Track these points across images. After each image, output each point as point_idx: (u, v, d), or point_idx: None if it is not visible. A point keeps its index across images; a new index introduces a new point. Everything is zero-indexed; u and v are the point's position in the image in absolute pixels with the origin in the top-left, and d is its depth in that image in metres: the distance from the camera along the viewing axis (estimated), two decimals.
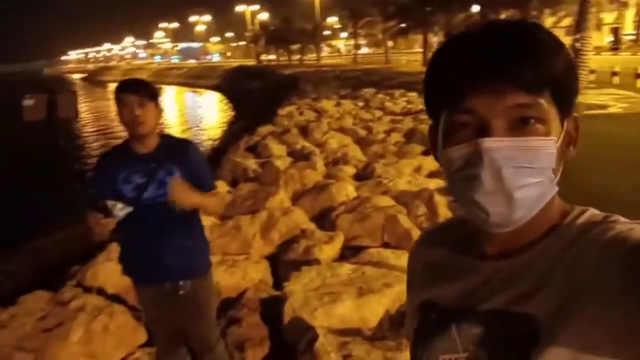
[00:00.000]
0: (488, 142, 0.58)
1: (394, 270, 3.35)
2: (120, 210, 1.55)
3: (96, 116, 27.96)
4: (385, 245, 4.17)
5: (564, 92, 0.61)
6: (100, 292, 3.77)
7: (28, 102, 1.24)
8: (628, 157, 7.04)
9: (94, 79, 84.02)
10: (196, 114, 29.05)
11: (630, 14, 41.20)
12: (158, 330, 2.31)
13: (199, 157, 2.18)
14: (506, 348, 0.61)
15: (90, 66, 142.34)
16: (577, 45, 15.31)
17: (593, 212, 0.66)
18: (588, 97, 14.66)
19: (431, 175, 6.22)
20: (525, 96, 0.58)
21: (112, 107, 37.23)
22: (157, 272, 2.11)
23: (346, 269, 3.37)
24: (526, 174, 0.58)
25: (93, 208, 1.48)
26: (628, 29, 43.89)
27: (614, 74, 16.28)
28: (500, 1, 22.00)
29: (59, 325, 3.08)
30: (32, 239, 7.47)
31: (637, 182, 5.71)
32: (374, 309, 2.97)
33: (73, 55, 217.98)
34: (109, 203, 1.53)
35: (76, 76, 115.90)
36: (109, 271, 3.99)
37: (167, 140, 2.12)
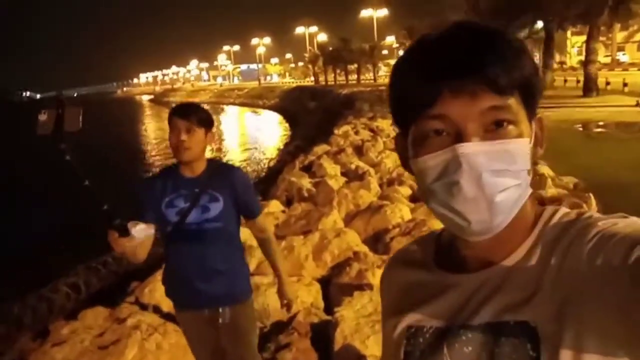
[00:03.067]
0: (466, 148, 0.56)
1: None
2: (140, 231, 1.50)
3: (161, 138, 29.42)
4: None
5: (532, 93, 0.61)
6: (156, 309, 3.86)
7: (42, 117, 1.28)
8: None
9: (161, 100, 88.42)
10: (255, 134, 29.79)
11: None
12: (199, 355, 2.30)
13: (244, 183, 2.16)
14: None
15: (157, 88, 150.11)
16: None
17: (565, 210, 0.65)
18: None
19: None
20: (498, 98, 0.57)
21: None
22: (196, 298, 2.10)
23: None
24: (505, 176, 0.57)
25: (110, 226, 1.45)
26: None
27: None
28: (566, 16, 21.09)
29: (115, 342, 3.16)
30: (96, 256, 7.82)
31: None
32: None
33: (143, 77, 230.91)
34: (130, 223, 1.50)
35: (145, 97, 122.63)
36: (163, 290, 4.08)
37: (214, 165, 2.12)
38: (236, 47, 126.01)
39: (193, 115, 1.98)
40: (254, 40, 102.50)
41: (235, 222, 2.14)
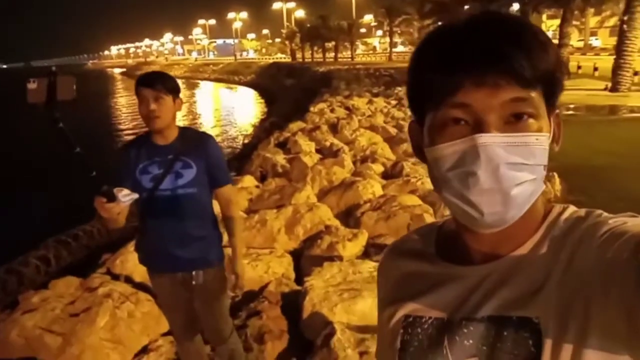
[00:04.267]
0: (485, 138, 0.55)
1: None
2: (125, 196, 1.57)
3: (133, 110, 28.80)
4: None
5: (554, 87, 0.60)
6: (128, 280, 3.88)
7: (32, 85, 1.29)
8: None
9: (133, 74, 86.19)
10: (230, 110, 29.41)
11: None
12: (174, 318, 2.36)
13: (217, 152, 2.19)
14: (509, 357, 0.58)
15: (130, 61, 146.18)
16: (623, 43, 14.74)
17: (573, 208, 0.65)
18: (631, 99, 14.13)
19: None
20: (521, 91, 0.56)
21: None
22: (170, 262, 2.15)
23: (368, 266, 3.36)
24: (522, 170, 0.56)
25: (97, 193, 1.51)
26: None
27: None
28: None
29: (86, 310, 3.18)
30: (67, 229, 7.74)
31: None
32: None
33: (114, 50, 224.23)
34: (115, 189, 1.55)
35: (117, 70, 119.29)
36: (137, 261, 4.09)
37: (187, 133, 2.14)
38: (212, 21, 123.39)
39: (160, 84, 1.98)
40: (231, 15, 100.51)
41: (208, 189, 2.17)
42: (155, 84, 1.98)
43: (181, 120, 25.11)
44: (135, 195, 1.64)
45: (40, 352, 2.99)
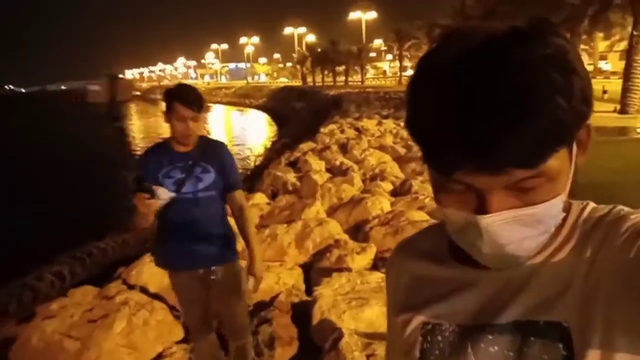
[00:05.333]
0: (487, 220, 0.52)
1: None
2: (164, 193, 1.76)
3: (147, 133, 29.32)
4: None
5: (578, 128, 0.53)
6: (143, 290, 3.99)
7: (93, 87, 1.49)
8: None
9: (147, 97, 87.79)
10: (242, 132, 29.83)
11: None
12: (191, 314, 2.47)
13: (230, 158, 2.37)
14: None
15: (144, 85, 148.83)
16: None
17: (593, 205, 0.63)
18: (639, 121, 14.16)
19: None
20: (528, 171, 0.50)
21: (159, 123, 38.68)
22: (191, 259, 2.29)
23: (376, 277, 3.45)
24: (529, 238, 0.55)
25: (139, 189, 1.67)
26: None
27: None
28: None
29: (104, 316, 3.30)
30: (83, 244, 7.92)
31: None
32: None
33: (128, 74, 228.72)
34: (154, 186, 1.73)
35: None
36: (152, 271, 4.22)
37: (204, 141, 2.31)
38: (224, 46, 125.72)
39: (197, 105, 2.17)
40: (243, 40, 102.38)
41: (223, 192, 2.33)
42: (194, 105, 2.15)
43: None
44: (172, 194, 1.81)
45: (59, 356, 3.10)
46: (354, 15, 68.22)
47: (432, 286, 0.67)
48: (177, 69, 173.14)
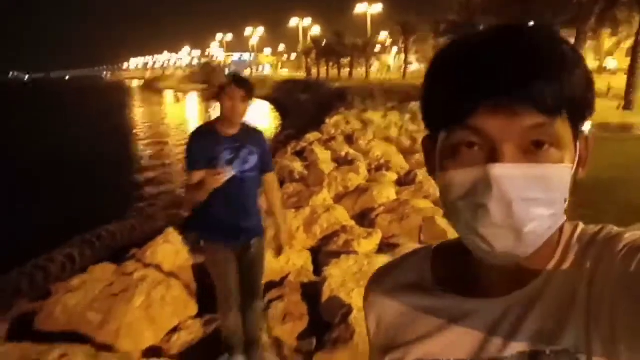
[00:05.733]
0: (499, 169, 0.51)
1: None
2: (228, 171, 2.16)
3: (151, 120, 29.51)
4: (422, 244, 4.37)
5: (581, 111, 0.54)
6: (158, 269, 4.17)
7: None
8: None
9: (151, 86, 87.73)
10: (245, 121, 29.89)
11: None
12: (228, 284, 2.63)
13: (267, 143, 2.73)
14: None
15: (148, 73, 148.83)
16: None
17: (583, 225, 0.62)
18: None
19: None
20: (542, 117, 0.51)
21: (165, 112, 38.66)
22: (237, 233, 2.56)
23: (383, 259, 3.61)
24: (538, 205, 0.52)
25: (210, 166, 2.18)
26: None
27: None
28: (555, 22, 21.61)
29: (123, 291, 3.47)
30: (91, 229, 8.14)
31: None
32: None
33: (133, 63, 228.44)
34: (224, 167, 2.29)
35: (134, 83, 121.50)
36: (166, 252, 4.40)
37: (246, 126, 2.58)
38: (229, 36, 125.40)
39: (248, 87, 2.45)
40: (248, 30, 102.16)
41: (260, 174, 2.61)
42: (246, 86, 2.44)
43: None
44: (233, 172, 2.11)
45: (82, 327, 3.28)
46: (360, 8, 68.01)
47: (422, 320, 0.63)
48: (182, 59, 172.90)
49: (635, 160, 8.64)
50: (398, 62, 72.30)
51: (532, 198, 0.51)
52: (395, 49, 68.02)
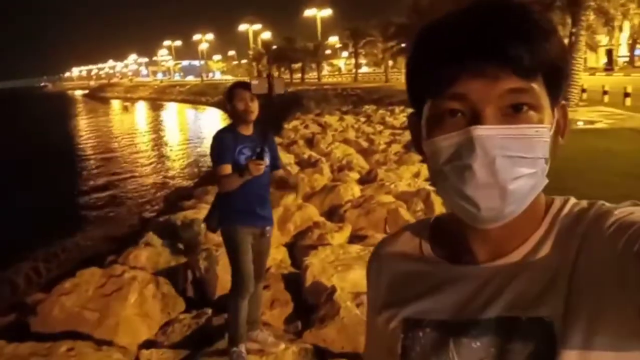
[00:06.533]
0: (481, 130, 0.54)
1: None
2: (267, 160, 2.72)
3: (97, 134, 28.81)
4: (387, 233, 4.80)
5: (556, 77, 0.57)
6: (143, 270, 4.38)
7: (255, 82, 2.33)
8: (610, 167, 7.72)
9: (96, 95, 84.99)
10: (198, 130, 29.67)
11: (624, 37, 42.38)
12: (247, 264, 2.86)
13: (275, 143, 3.19)
14: (519, 357, 0.56)
15: (92, 83, 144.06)
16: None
17: (575, 200, 0.64)
18: (578, 113, 15.40)
19: (428, 179, 6.88)
20: (520, 81, 0.54)
21: (113, 123, 37.46)
22: (257, 219, 2.91)
23: (356, 248, 4.01)
24: (520, 164, 0.55)
25: (257, 158, 2.65)
26: (623, 51, 45.23)
27: (605, 92, 17.05)
28: None
29: (116, 290, 3.69)
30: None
31: (619, 189, 6.35)
32: None
33: (76, 71, 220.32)
34: (265, 156, 2.71)
35: (78, 92, 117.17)
36: (148, 254, 4.63)
37: (260, 128, 2.95)
38: (178, 43, 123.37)
39: (251, 89, 2.86)
40: (197, 36, 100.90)
41: (271, 169, 2.99)
42: (249, 89, 2.84)
43: (149, 139, 25.42)
44: (268, 162, 2.68)
45: (81, 325, 3.48)
46: (309, 12, 68.72)
47: (414, 283, 0.67)
48: (128, 66, 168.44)
49: (574, 151, 9.48)
50: (349, 65, 73.52)
51: (514, 156, 0.54)
52: (345, 53, 69.14)
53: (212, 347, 3.08)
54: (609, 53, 42.08)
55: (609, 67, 38.98)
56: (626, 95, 16.10)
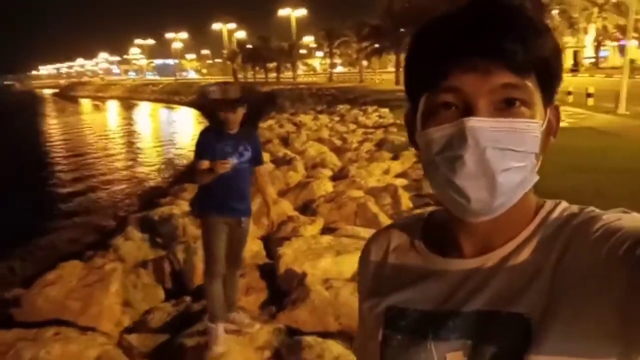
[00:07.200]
0: (473, 122, 0.55)
1: (364, 240, 4.26)
2: (233, 162, 2.95)
3: (68, 133, 28.38)
4: (357, 226, 5.08)
5: (549, 76, 0.59)
6: (123, 262, 4.56)
7: (212, 88, 2.53)
8: (568, 162, 8.20)
9: (66, 95, 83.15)
10: (172, 130, 29.44)
11: (589, 39, 43.79)
12: (220, 253, 3.11)
13: (259, 142, 3.39)
14: (495, 353, 0.57)
15: (62, 81, 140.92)
16: None
17: (566, 204, 0.64)
18: None
19: (398, 176, 7.21)
20: (513, 76, 0.55)
21: (84, 122, 36.70)
22: (232, 211, 3.11)
23: (327, 238, 4.27)
24: (510, 157, 0.55)
25: (198, 163, 2.91)
26: (588, 52, 46.77)
27: (569, 93, 17.73)
28: None
29: (98, 281, 3.86)
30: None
31: (574, 182, 6.81)
32: (348, 265, 3.86)
33: (44, 70, 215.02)
34: (229, 159, 2.96)
35: (47, 91, 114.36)
36: (128, 248, 4.81)
37: (245, 128, 3.16)
38: (150, 41, 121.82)
39: (236, 101, 3.05)
40: (169, 35, 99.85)
41: (253, 166, 3.22)
42: (231, 100, 3.03)
43: (122, 139, 25.15)
44: (235, 162, 2.90)
45: (64, 314, 3.65)
46: (283, 11, 68.80)
47: (402, 273, 0.69)
48: (99, 65, 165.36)
49: None
50: (324, 65, 73.83)
51: (504, 148, 0.55)
52: (320, 53, 69.48)
53: (191, 329, 3.29)
54: (575, 55, 43.50)
55: (575, 68, 40.28)
56: (588, 95, 16.84)
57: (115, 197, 12.31)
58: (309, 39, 68.16)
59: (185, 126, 31.40)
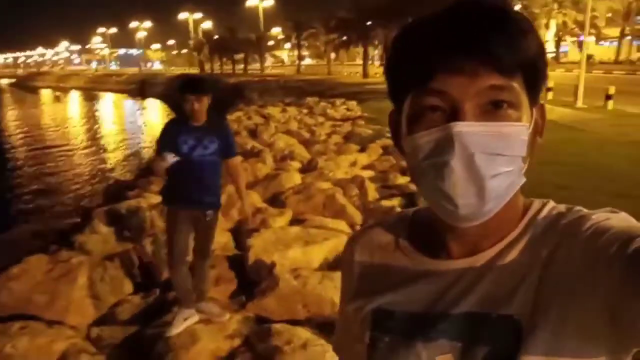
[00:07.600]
0: (460, 127, 0.54)
1: (332, 230, 4.36)
2: (171, 157, 2.71)
3: (28, 125, 27.50)
4: (325, 217, 5.17)
5: (535, 77, 0.58)
6: (90, 255, 4.51)
7: (134, 85, 2.58)
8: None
9: (25, 85, 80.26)
10: (136, 122, 28.87)
11: (550, 34, 45.08)
12: (180, 242, 3.13)
13: (230, 133, 3.29)
14: (486, 355, 0.57)
15: (20, 71, 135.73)
16: None
17: (553, 204, 0.64)
18: None
19: (365, 168, 7.35)
20: (500, 78, 0.54)
21: (44, 114, 35.51)
22: (194, 202, 3.10)
23: (295, 229, 4.35)
24: (498, 162, 0.54)
25: (157, 154, 2.86)
26: (549, 47, 48.18)
27: None
28: None
29: (64, 275, 3.83)
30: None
31: (541, 176, 7.06)
32: (317, 255, 3.96)
33: (0, 59, 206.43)
34: (164, 153, 2.71)
35: (4, 81, 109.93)
36: (94, 241, 4.76)
37: (212, 118, 3.10)
38: (113, 30, 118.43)
39: (200, 88, 2.98)
40: (133, 24, 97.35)
41: (222, 158, 3.17)
42: (197, 89, 2.96)
43: (85, 131, 24.53)
44: (177, 158, 2.80)
45: (30, 309, 3.61)
46: (251, 2, 68.00)
47: (387, 274, 0.68)
48: (59, 54, 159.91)
49: None
50: (292, 57, 73.46)
51: (492, 153, 0.54)
52: (288, 44, 69.12)
53: (161, 320, 3.32)
54: None
55: None
56: (548, 89, 17.39)
57: (80, 190, 12.08)
58: (277, 31, 67.73)
59: (150, 117, 30.84)
